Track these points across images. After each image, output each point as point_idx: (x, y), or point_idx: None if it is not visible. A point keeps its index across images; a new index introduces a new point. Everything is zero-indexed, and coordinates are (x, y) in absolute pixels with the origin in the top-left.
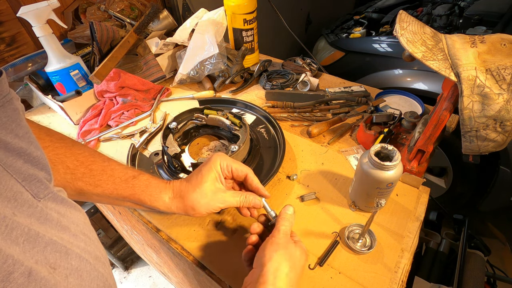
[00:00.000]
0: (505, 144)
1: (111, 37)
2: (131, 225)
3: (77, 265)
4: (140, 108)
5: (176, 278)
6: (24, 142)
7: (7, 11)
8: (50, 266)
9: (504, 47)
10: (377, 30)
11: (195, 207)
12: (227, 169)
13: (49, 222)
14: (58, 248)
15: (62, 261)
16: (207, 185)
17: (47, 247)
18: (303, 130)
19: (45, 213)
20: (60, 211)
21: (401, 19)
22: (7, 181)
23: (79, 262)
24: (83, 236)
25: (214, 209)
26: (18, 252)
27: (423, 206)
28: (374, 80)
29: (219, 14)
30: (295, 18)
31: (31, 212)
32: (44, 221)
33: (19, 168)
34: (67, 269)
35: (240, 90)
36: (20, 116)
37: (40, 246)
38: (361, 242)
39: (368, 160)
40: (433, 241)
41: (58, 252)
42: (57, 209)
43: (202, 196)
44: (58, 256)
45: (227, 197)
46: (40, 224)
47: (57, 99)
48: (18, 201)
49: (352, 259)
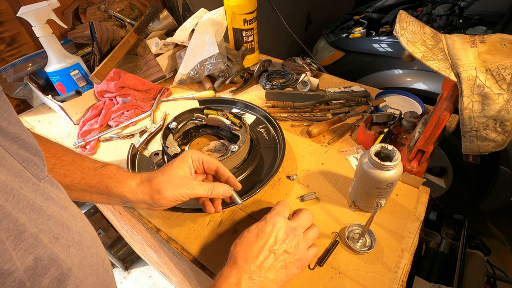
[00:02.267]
0: (505, 144)
1: (111, 37)
2: (131, 225)
3: (78, 239)
4: (140, 108)
5: (176, 278)
6: (17, 129)
7: (7, 11)
8: (53, 236)
9: (504, 47)
10: (377, 30)
11: (161, 190)
12: (198, 161)
13: (51, 199)
14: (60, 222)
15: (65, 233)
16: (175, 171)
17: (50, 220)
18: (303, 130)
19: (47, 191)
20: (57, 194)
21: (401, 19)
22: (10, 160)
23: (80, 237)
24: (79, 218)
25: (181, 195)
26: (25, 219)
27: (423, 206)
28: (374, 80)
29: (219, 14)
30: (295, 18)
31: (35, 188)
32: (47, 198)
33: (17, 151)
34: (69, 240)
35: (240, 90)
36: (10, 106)
37: (44, 218)
38: (361, 242)
39: (368, 160)
40: (433, 241)
41: (61, 225)
42: (55, 191)
43: (170, 180)
44: (61, 228)
45: (195, 185)
46: (43, 200)
47: (57, 99)
48: (23, 178)
49: (352, 259)
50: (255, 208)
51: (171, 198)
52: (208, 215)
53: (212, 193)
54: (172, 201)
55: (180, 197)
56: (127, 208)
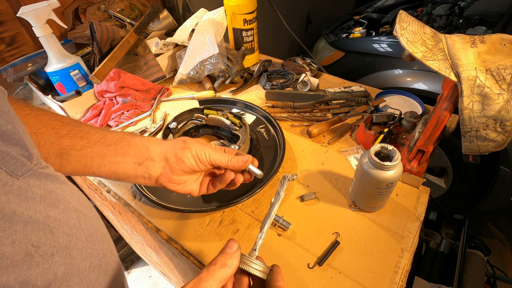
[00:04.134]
0: (505, 144)
1: (111, 37)
2: (131, 225)
3: (65, 243)
4: (140, 108)
5: (176, 278)
6: None
7: (7, 11)
8: (32, 245)
9: (504, 47)
10: (377, 30)
11: (186, 140)
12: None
13: (30, 199)
14: (40, 227)
15: (47, 239)
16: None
17: (27, 226)
18: (303, 130)
19: (25, 190)
20: (47, 187)
21: (401, 19)
22: None
23: (68, 240)
24: (75, 213)
25: (204, 153)
26: None
27: (423, 206)
28: (374, 80)
29: (219, 14)
30: (295, 18)
31: (7, 190)
32: (24, 199)
33: None
34: (54, 247)
35: (240, 90)
36: None
37: (18, 225)
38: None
39: (368, 160)
40: (433, 241)
41: (41, 230)
42: (43, 185)
43: (195, 140)
44: (41, 234)
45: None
46: (20, 201)
47: (57, 99)
48: None
49: (352, 259)
50: (255, 208)
51: (194, 152)
52: (208, 215)
53: (231, 161)
54: (192, 159)
55: (202, 155)
56: (127, 208)
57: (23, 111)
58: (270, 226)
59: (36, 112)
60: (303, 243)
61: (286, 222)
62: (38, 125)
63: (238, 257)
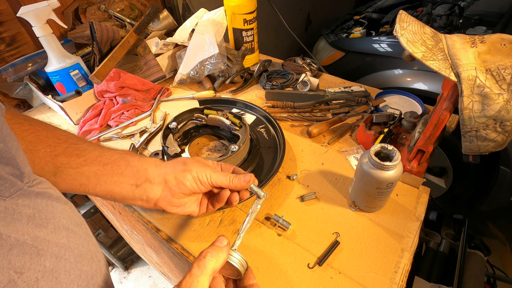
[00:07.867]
0: (505, 144)
1: (111, 37)
2: (131, 225)
3: (52, 266)
4: (140, 108)
5: (176, 278)
6: None
7: (7, 11)
8: (15, 271)
9: (504, 47)
10: (377, 30)
11: (187, 162)
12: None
13: (17, 221)
14: (26, 250)
15: (33, 263)
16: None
17: (12, 250)
18: (303, 130)
19: (12, 211)
20: (37, 206)
21: (401, 19)
22: None
23: (56, 262)
24: (65, 232)
25: (205, 175)
26: None
27: (423, 206)
28: (374, 80)
29: (219, 14)
30: (295, 18)
31: None
32: (10, 221)
33: None
34: (39, 271)
35: (240, 90)
36: None
37: (3, 249)
38: None
39: (368, 160)
40: (433, 241)
41: (28, 254)
42: (32, 204)
43: (196, 160)
44: (27, 258)
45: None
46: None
47: (57, 99)
48: None
49: (352, 259)
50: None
51: (195, 174)
52: (208, 215)
53: (233, 182)
54: (193, 181)
55: (203, 177)
56: (127, 208)
57: (22, 126)
58: (270, 226)
59: (35, 128)
60: (303, 243)
61: (286, 222)
62: (34, 142)
63: (227, 251)
